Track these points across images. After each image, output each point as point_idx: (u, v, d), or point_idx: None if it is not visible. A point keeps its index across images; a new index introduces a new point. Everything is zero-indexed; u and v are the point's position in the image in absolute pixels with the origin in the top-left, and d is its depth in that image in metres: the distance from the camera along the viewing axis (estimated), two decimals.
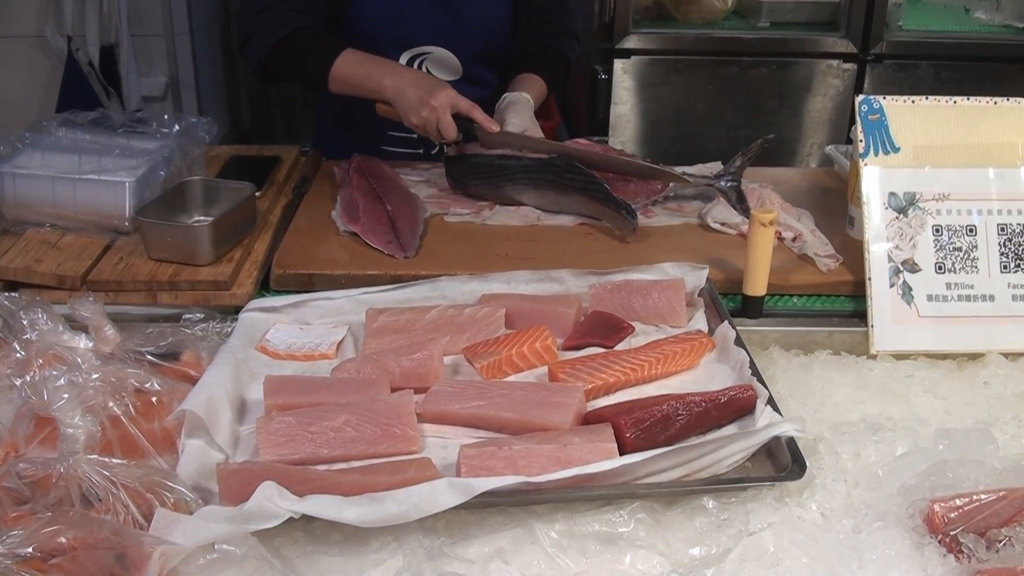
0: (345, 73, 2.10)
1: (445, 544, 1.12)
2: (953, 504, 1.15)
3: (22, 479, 1.18)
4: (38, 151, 1.91)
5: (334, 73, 2.09)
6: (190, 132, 2.08)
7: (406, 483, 1.14)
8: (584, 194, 1.93)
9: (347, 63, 2.10)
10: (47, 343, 1.29)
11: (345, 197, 1.97)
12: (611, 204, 1.89)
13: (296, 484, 1.14)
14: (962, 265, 1.65)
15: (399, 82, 2.05)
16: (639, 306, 1.58)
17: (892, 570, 1.09)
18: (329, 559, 1.11)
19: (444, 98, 2.00)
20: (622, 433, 1.24)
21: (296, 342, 1.53)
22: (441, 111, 2.00)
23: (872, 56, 3.49)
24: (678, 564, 1.10)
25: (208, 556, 1.08)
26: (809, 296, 1.77)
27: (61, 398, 1.14)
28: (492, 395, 1.34)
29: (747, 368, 1.39)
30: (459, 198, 2.06)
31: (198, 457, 1.24)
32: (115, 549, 1.07)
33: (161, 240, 1.72)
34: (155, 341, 1.44)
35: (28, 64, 3.14)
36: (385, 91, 2.06)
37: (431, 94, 2.00)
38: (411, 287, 1.65)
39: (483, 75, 2.35)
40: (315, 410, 1.30)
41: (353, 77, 2.10)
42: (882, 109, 1.71)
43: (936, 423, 1.40)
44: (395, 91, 2.05)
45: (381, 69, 2.08)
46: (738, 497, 1.19)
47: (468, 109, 2.03)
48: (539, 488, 1.15)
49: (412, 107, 2.02)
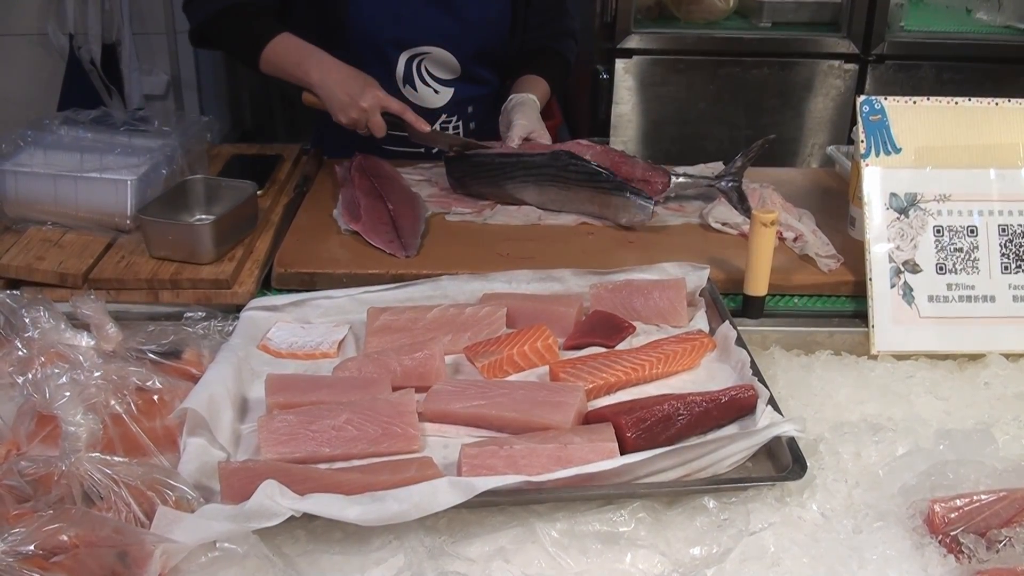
0: (277, 56, 2.11)
1: (446, 543, 1.12)
2: (953, 504, 1.15)
3: (24, 477, 1.18)
4: (40, 149, 1.91)
5: (266, 54, 2.11)
6: (192, 131, 2.08)
7: (407, 482, 1.14)
8: (589, 186, 1.93)
9: (280, 47, 2.10)
10: (49, 341, 1.29)
11: (346, 196, 1.97)
12: (619, 192, 1.89)
13: (297, 483, 1.14)
14: (963, 266, 1.65)
15: (326, 79, 2.06)
16: (640, 306, 1.58)
17: (892, 570, 1.09)
18: (330, 557, 1.11)
19: (372, 99, 2.02)
20: (623, 433, 1.24)
21: (297, 341, 1.54)
22: (371, 112, 2.02)
23: (873, 57, 3.49)
24: (679, 564, 1.10)
25: (210, 554, 1.08)
26: (810, 296, 1.77)
27: (63, 396, 1.13)
28: (493, 394, 1.34)
29: (748, 368, 1.39)
30: (460, 197, 2.06)
31: (199, 455, 1.24)
32: (117, 547, 1.07)
33: (163, 238, 1.72)
34: (157, 339, 1.44)
35: (30, 62, 3.14)
36: (313, 85, 2.09)
37: (360, 96, 2.02)
38: (412, 286, 1.65)
39: (482, 74, 2.36)
40: (316, 409, 1.30)
41: (283, 63, 2.11)
42: (884, 110, 1.71)
43: (937, 423, 1.40)
44: (322, 88, 2.07)
45: (310, 60, 2.08)
46: (739, 497, 1.19)
47: (399, 111, 2.05)
48: (540, 487, 1.15)
49: (341, 107, 2.04)
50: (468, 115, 2.38)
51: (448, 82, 2.30)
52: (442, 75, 2.29)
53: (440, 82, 2.30)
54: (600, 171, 1.92)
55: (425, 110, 2.25)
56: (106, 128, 2.02)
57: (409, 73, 2.27)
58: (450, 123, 2.36)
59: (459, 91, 2.32)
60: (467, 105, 2.36)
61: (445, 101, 2.32)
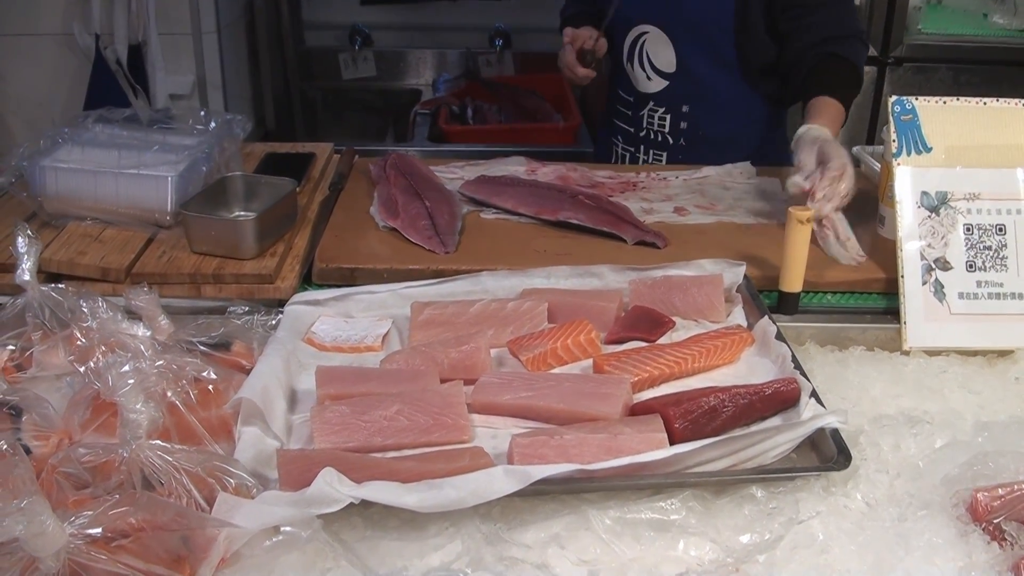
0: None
1: (502, 530, 1.15)
2: (996, 493, 1.17)
3: (82, 464, 1.20)
4: (77, 146, 1.94)
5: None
6: (226, 129, 2.10)
7: (462, 471, 1.17)
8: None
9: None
10: (108, 331, 1.31)
11: (383, 193, 1.99)
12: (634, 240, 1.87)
13: (354, 471, 1.16)
14: (992, 263, 1.67)
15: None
16: (679, 301, 1.61)
17: (938, 556, 1.12)
18: (389, 543, 1.14)
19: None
20: (671, 423, 1.26)
21: (342, 334, 1.56)
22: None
23: (892, 59, 3.52)
24: (730, 551, 1.12)
25: (273, 539, 1.10)
26: (842, 293, 1.79)
27: (126, 384, 1.15)
28: (540, 386, 1.36)
29: (789, 362, 1.41)
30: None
31: (255, 444, 1.26)
32: (181, 531, 1.10)
33: (205, 234, 1.75)
34: (205, 332, 1.47)
35: (55, 62, 3.16)
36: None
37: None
38: (452, 282, 1.67)
39: (703, 72, 2.25)
40: (367, 400, 1.33)
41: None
42: (915, 110, 1.73)
43: (971, 417, 1.43)
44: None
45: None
46: (786, 487, 1.21)
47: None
48: (592, 476, 1.17)
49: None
50: (682, 113, 2.34)
51: (665, 74, 2.27)
52: (660, 64, 2.28)
53: (656, 71, 2.29)
54: (606, 232, 1.89)
55: (639, 94, 2.34)
56: (139, 126, 2.04)
57: (632, 51, 2.31)
58: (656, 113, 2.35)
59: (674, 85, 2.27)
60: (682, 103, 2.32)
61: (657, 90, 2.33)
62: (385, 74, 4.19)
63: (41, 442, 1.29)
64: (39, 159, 1.88)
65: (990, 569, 1.10)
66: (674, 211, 2.02)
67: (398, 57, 4.18)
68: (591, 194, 1.99)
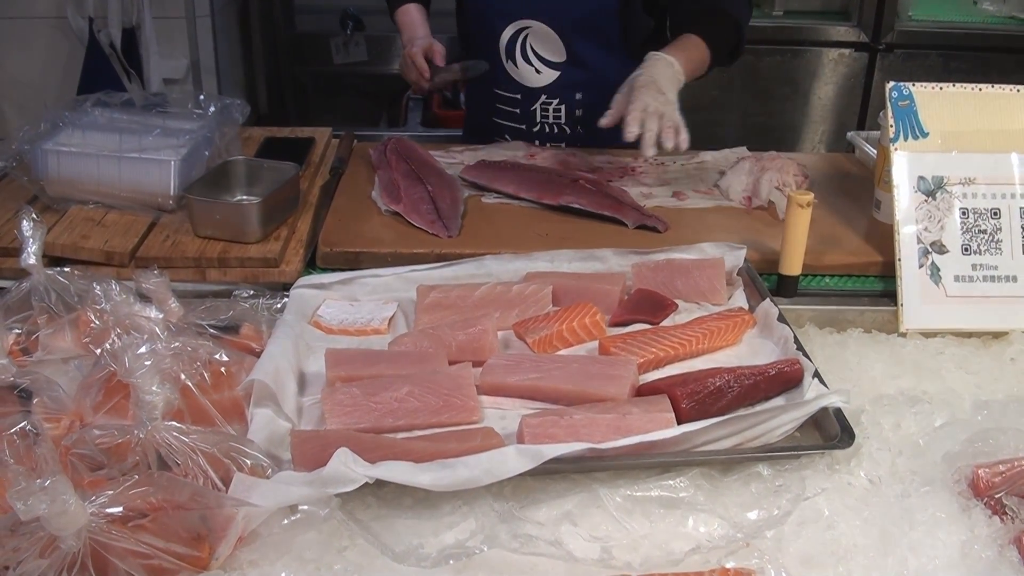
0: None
1: (515, 508, 1.17)
2: (997, 469, 1.20)
3: (97, 445, 1.21)
4: (78, 129, 1.93)
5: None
6: (225, 113, 2.10)
7: (474, 450, 1.18)
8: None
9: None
10: (122, 313, 1.32)
11: (384, 178, 2.00)
12: (635, 224, 1.89)
13: (368, 451, 1.18)
14: (987, 247, 1.70)
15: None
16: (681, 284, 1.63)
17: (942, 530, 1.15)
18: (404, 521, 1.16)
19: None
20: (678, 404, 1.29)
21: (348, 318, 1.57)
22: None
23: (883, 45, 3.55)
24: (739, 527, 1.15)
25: (291, 518, 1.12)
26: (840, 276, 1.82)
27: (143, 366, 1.16)
28: (548, 368, 1.38)
29: (791, 343, 1.44)
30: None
31: (267, 425, 1.28)
32: (199, 510, 1.11)
33: (209, 218, 1.76)
34: (214, 315, 1.48)
35: (49, 45, 3.15)
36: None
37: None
38: (457, 265, 1.69)
39: (590, 56, 2.23)
40: (377, 381, 1.34)
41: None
42: (912, 95, 1.76)
43: (969, 396, 1.46)
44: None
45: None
46: (792, 465, 1.24)
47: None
48: (602, 455, 1.19)
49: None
50: (575, 101, 2.30)
51: (554, 64, 2.24)
52: (548, 55, 2.24)
53: (545, 63, 2.25)
54: (604, 215, 1.91)
55: (526, 89, 2.28)
56: (138, 110, 2.04)
57: (512, 48, 2.25)
58: (550, 105, 2.31)
59: (565, 75, 2.23)
60: (574, 91, 2.29)
61: (547, 82, 2.28)
62: (376, 59, 4.19)
63: (52, 424, 1.29)
64: (41, 142, 1.88)
65: (992, 542, 1.13)
66: (673, 195, 2.04)
67: (389, 42, 4.18)
68: (591, 178, 2.01)
